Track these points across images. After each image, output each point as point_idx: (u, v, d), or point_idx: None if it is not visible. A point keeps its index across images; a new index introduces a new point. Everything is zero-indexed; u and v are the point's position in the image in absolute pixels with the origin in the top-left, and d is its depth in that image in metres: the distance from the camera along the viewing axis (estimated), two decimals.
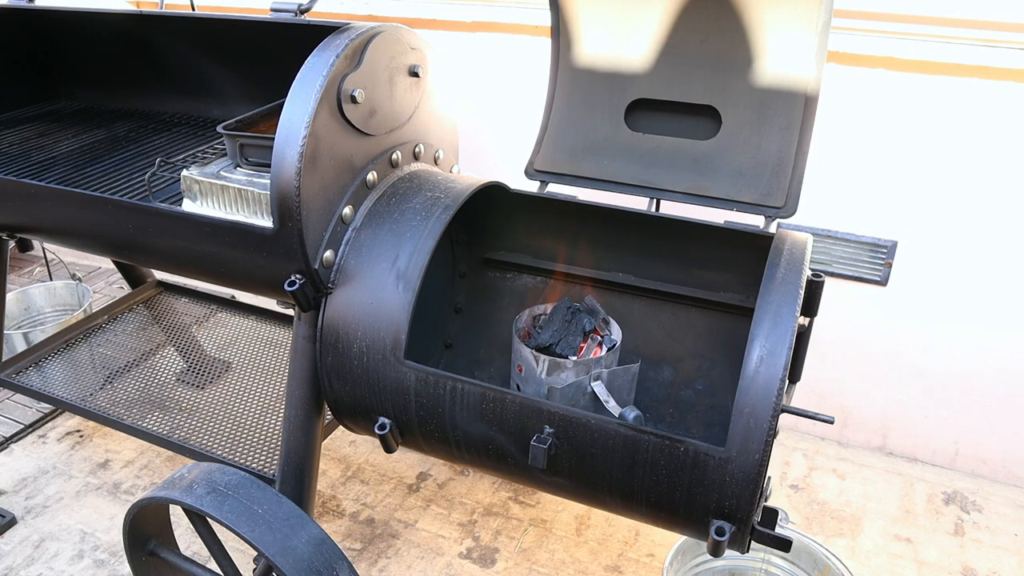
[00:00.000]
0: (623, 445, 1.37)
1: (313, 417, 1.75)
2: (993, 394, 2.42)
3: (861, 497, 2.47)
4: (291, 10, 1.72)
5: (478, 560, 2.23)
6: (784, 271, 1.39)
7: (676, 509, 1.40)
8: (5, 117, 2.51)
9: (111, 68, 2.53)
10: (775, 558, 1.97)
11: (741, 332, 1.39)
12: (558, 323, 1.74)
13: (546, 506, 2.42)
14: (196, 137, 2.32)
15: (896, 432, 2.62)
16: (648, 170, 1.88)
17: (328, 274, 1.62)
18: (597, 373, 1.62)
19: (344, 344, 1.59)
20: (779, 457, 2.64)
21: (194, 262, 1.79)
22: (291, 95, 1.50)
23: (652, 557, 2.23)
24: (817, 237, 2.46)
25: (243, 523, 1.42)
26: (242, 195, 1.66)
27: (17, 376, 2.34)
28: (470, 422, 1.51)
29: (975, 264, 2.29)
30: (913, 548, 2.28)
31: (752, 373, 1.30)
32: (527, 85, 2.61)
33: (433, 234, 1.57)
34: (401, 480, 2.53)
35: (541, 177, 2.02)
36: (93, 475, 2.54)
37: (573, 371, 1.64)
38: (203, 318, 2.75)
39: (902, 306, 2.44)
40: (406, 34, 1.72)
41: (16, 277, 3.82)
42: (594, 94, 1.92)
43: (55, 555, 2.24)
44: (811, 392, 2.64)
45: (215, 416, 2.18)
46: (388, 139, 1.73)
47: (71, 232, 2.00)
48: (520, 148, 2.21)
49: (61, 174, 2.06)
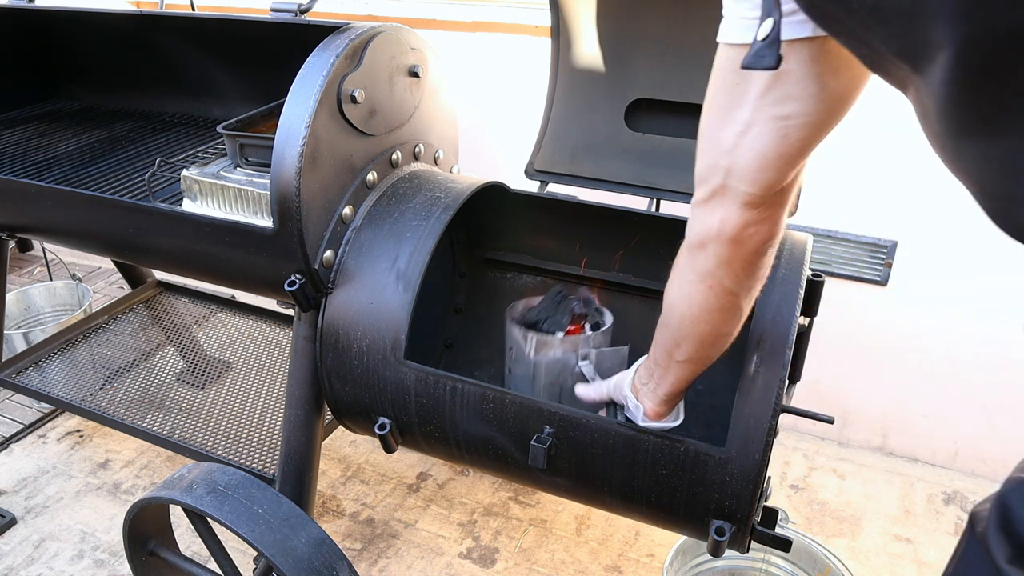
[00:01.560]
0: (623, 445, 1.37)
1: (313, 417, 1.75)
2: (993, 394, 2.42)
3: (861, 497, 2.47)
4: (291, 10, 1.72)
5: (478, 560, 2.23)
6: (784, 271, 1.39)
7: (676, 509, 1.40)
8: (5, 117, 2.51)
9: (111, 68, 2.53)
10: (775, 558, 1.97)
11: (741, 332, 1.39)
12: (547, 305, 1.73)
13: (546, 506, 2.42)
14: (196, 137, 2.32)
15: (896, 432, 2.62)
16: (648, 170, 1.88)
17: (328, 274, 1.62)
18: (585, 353, 1.62)
19: (344, 344, 1.59)
20: (779, 457, 2.64)
21: (194, 262, 1.79)
22: (291, 95, 1.50)
23: (652, 557, 2.23)
24: (817, 237, 2.46)
25: (243, 523, 1.42)
26: (242, 195, 1.66)
27: (17, 376, 2.34)
28: (470, 422, 1.51)
29: (975, 264, 2.29)
30: (913, 548, 2.28)
31: (752, 373, 1.30)
32: (527, 85, 2.60)
33: (433, 234, 1.57)
34: (401, 480, 2.53)
35: (541, 177, 2.02)
36: (93, 475, 2.54)
37: (560, 348, 1.63)
38: (203, 318, 2.74)
39: (902, 306, 2.44)
40: (406, 34, 1.72)
41: (16, 277, 3.82)
42: (594, 94, 1.92)
43: (55, 555, 2.24)
44: (811, 392, 2.64)
45: (215, 416, 2.18)
46: (388, 139, 1.73)
47: (71, 232, 2.00)
48: (520, 148, 2.21)
49: (61, 174, 2.06)
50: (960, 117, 0.66)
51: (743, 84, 0.88)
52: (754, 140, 0.90)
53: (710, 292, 1.05)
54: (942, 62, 0.63)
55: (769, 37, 0.78)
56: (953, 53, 0.61)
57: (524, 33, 2.61)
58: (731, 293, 1.06)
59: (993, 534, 0.75)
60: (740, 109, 0.89)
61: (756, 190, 0.93)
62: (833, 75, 0.85)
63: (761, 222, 0.98)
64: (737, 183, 0.93)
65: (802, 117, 0.88)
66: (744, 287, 1.06)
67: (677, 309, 1.11)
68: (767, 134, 0.89)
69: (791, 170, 0.93)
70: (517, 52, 2.65)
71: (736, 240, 0.98)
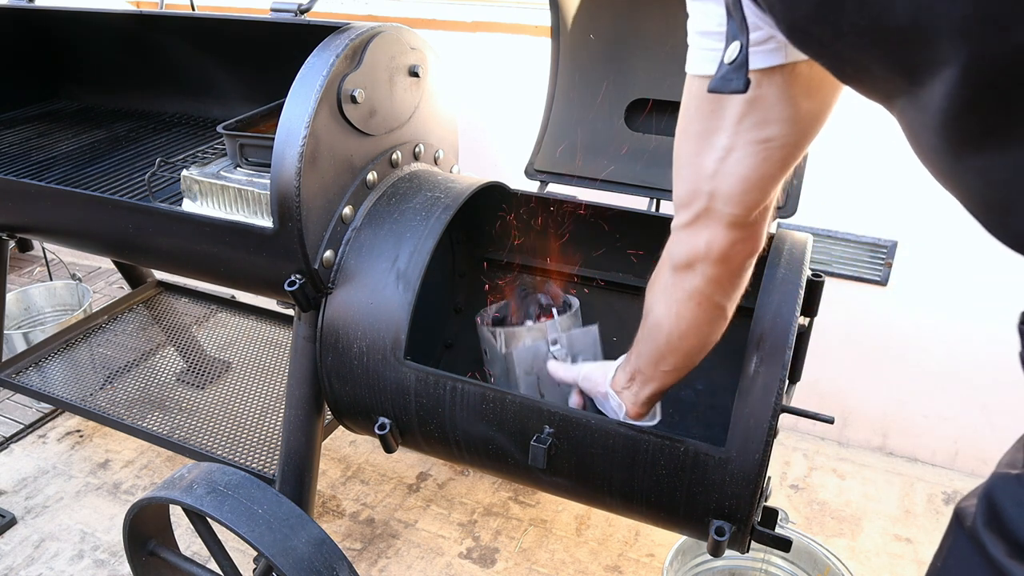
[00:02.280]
0: (623, 445, 1.37)
1: (313, 417, 1.75)
2: (993, 394, 2.42)
3: (861, 497, 2.47)
4: (291, 10, 1.72)
5: (478, 560, 2.23)
6: (784, 271, 1.39)
7: (676, 509, 1.40)
8: (5, 117, 2.51)
9: (111, 68, 2.53)
10: (775, 558, 1.97)
11: (741, 332, 1.39)
12: (513, 302, 1.74)
13: (546, 506, 2.42)
14: (196, 137, 2.31)
15: (896, 432, 2.62)
16: (648, 170, 1.88)
17: (328, 274, 1.62)
18: (555, 338, 1.62)
19: (344, 344, 1.59)
20: (779, 457, 2.64)
21: (194, 262, 1.79)
22: (291, 95, 1.50)
23: (652, 557, 2.23)
24: (817, 237, 2.46)
25: (243, 523, 1.42)
26: (242, 195, 1.66)
27: (17, 376, 2.34)
28: (470, 422, 1.51)
29: (975, 264, 2.29)
30: (913, 548, 2.28)
31: (752, 373, 1.30)
32: (527, 85, 2.60)
33: (433, 234, 1.57)
34: (401, 480, 2.53)
35: (541, 177, 2.02)
36: (93, 475, 2.54)
37: (529, 337, 1.64)
38: (203, 318, 2.74)
39: (902, 306, 2.44)
40: (406, 34, 1.72)
41: (16, 277, 3.82)
42: (594, 94, 1.93)
43: (55, 555, 2.24)
44: (811, 392, 2.64)
45: (215, 416, 2.18)
46: (388, 139, 1.73)
47: (71, 232, 2.00)
48: (520, 148, 2.21)
49: (61, 174, 2.06)
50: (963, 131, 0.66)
51: (718, 111, 0.90)
52: (735, 164, 0.92)
53: (699, 309, 1.09)
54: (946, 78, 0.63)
55: (736, 61, 0.79)
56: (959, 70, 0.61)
57: (524, 33, 2.61)
58: (719, 307, 1.10)
59: (984, 530, 0.76)
60: (717, 135, 0.91)
61: (741, 211, 0.96)
62: (806, 97, 0.88)
63: (746, 239, 1.01)
64: (722, 206, 0.96)
65: (781, 139, 0.90)
66: (731, 298, 1.11)
67: (664, 326, 1.15)
68: (748, 157, 0.91)
69: (774, 188, 0.96)
70: (517, 52, 2.65)
71: (724, 259, 1.02)
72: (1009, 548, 0.73)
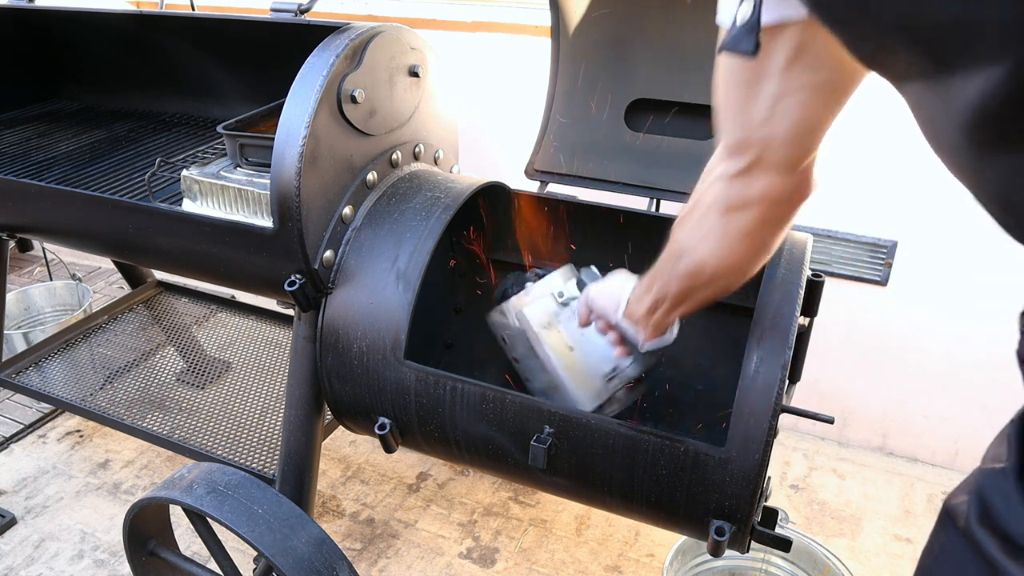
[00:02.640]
0: (623, 445, 1.37)
1: (313, 417, 1.75)
2: (993, 394, 2.42)
3: (861, 497, 2.47)
4: (291, 10, 1.72)
5: (478, 560, 2.23)
6: (784, 271, 1.39)
7: (676, 509, 1.40)
8: (5, 117, 2.51)
9: (111, 68, 2.53)
10: (775, 558, 1.97)
11: (741, 332, 1.39)
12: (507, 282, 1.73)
13: (546, 506, 2.42)
14: (196, 137, 2.32)
15: (896, 432, 2.62)
16: (648, 170, 1.88)
17: (328, 274, 1.62)
18: (560, 290, 1.62)
19: (344, 344, 1.59)
20: (779, 457, 2.64)
21: (194, 262, 1.79)
22: (291, 95, 1.50)
23: (652, 557, 2.23)
24: (817, 237, 2.46)
25: (243, 523, 1.42)
26: (242, 195, 1.66)
27: (17, 376, 2.34)
28: (470, 422, 1.51)
29: (975, 264, 2.29)
30: (913, 548, 2.28)
31: (752, 373, 1.30)
32: (527, 85, 2.60)
33: (433, 234, 1.57)
34: (401, 480, 2.53)
35: (541, 177, 2.02)
36: (93, 475, 2.54)
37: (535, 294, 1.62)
38: (203, 318, 2.74)
39: (902, 306, 2.44)
40: (406, 34, 1.72)
41: (16, 277, 3.82)
42: (594, 94, 1.93)
43: (55, 555, 2.24)
44: (811, 392, 2.64)
45: (215, 416, 2.18)
46: (388, 139, 1.73)
47: (71, 232, 2.00)
48: (520, 148, 2.21)
49: (61, 174, 2.06)
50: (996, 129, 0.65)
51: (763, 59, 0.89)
52: (788, 110, 0.92)
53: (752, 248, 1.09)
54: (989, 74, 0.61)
55: (748, 22, 0.78)
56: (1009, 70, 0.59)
57: (524, 33, 2.61)
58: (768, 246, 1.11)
59: (978, 528, 0.76)
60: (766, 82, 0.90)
61: (795, 156, 0.97)
62: None
63: (801, 184, 1.01)
64: (776, 153, 0.96)
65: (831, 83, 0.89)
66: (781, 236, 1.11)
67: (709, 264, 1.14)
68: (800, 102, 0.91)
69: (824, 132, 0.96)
70: (517, 52, 2.65)
71: (779, 202, 1.02)
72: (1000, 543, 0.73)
